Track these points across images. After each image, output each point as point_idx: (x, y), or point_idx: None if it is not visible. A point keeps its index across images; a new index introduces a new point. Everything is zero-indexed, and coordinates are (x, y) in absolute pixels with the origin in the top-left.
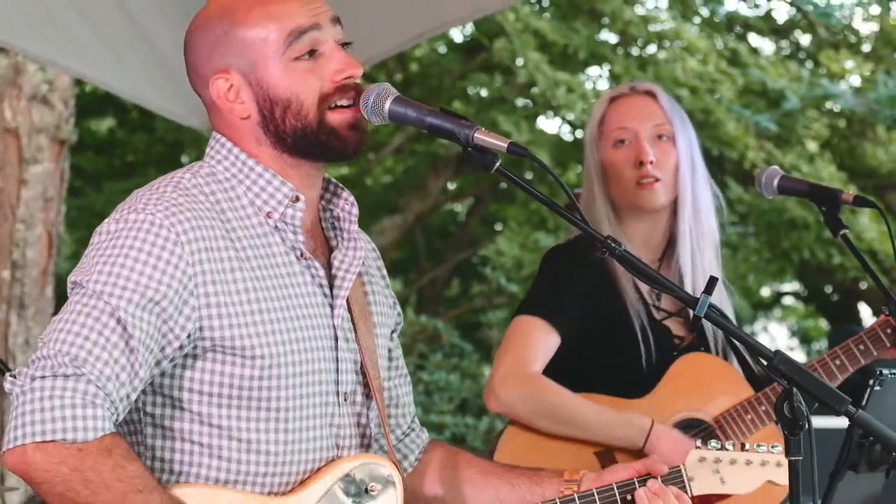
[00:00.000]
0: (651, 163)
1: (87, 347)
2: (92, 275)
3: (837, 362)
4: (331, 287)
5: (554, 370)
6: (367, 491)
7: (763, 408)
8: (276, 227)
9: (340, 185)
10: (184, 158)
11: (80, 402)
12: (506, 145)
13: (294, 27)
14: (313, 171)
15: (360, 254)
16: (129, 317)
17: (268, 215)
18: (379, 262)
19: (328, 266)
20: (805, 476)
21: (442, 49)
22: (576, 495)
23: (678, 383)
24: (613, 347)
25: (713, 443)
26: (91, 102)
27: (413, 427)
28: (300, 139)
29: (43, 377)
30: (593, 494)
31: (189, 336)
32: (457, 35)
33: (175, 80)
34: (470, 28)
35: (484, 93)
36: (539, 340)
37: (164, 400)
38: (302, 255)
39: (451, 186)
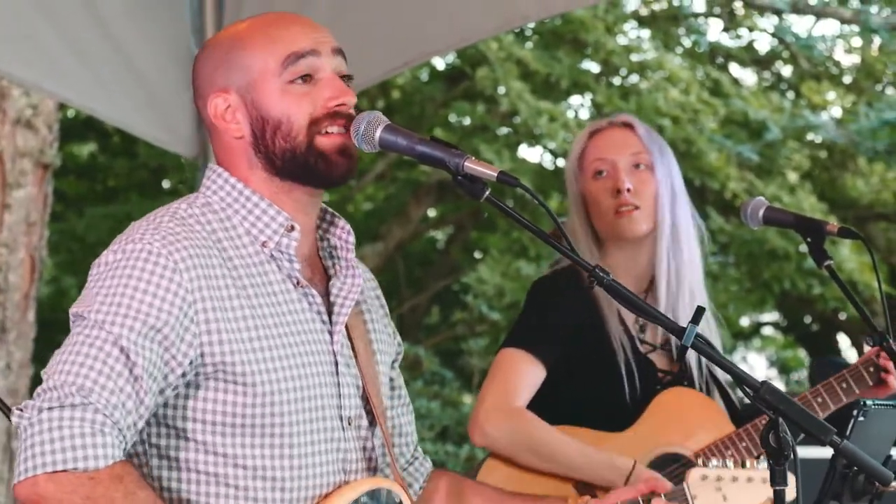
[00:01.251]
0: (628, 190)
1: (92, 377)
2: (93, 306)
3: (819, 400)
4: (329, 314)
5: (537, 401)
6: None
7: (744, 444)
8: (272, 255)
9: (336, 213)
10: (165, 184)
11: (89, 431)
12: (496, 174)
13: (293, 51)
14: (305, 198)
15: (358, 281)
16: (131, 345)
17: (263, 244)
18: (378, 292)
19: (326, 294)
20: None
21: (424, 77)
22: None
23: (659, 418)
24: (597, 380)
25: (714, 461)
26: (73, 127)
27: (416, 456)
28: (289, 161)
29: (51, 408)
30: None
31: (191, 363)
32: (439, 63)
33: (158, 105)
34: (452, 56)
35: (466, 121)
36: (524, 374)
37: (168, 430)
38: (298, 283)
39: (432, 214)
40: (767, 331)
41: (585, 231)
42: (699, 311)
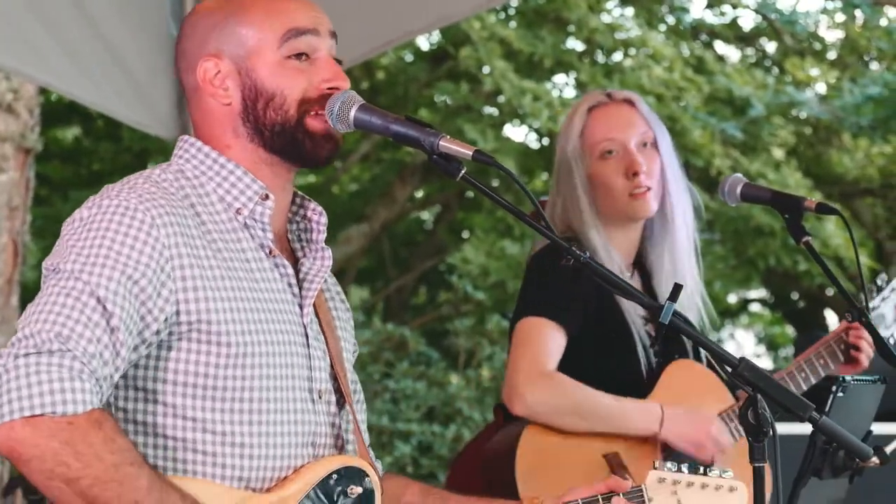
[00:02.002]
0: (644, 172)
1: (69, 325)
2: (69, 257)
3: (803, 375)
4: (300, 289)
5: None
6: (346, 494)
7: None
8: (246, 224)
9: (307, 196)
10: (150, 167)
11: (67, 376)
12: (471, 153)
13: (294, 26)
14: (284, 174)
15: (327, 263)
16: (109, 294)
17: (237, 212)
18: (341, 293)
19: (296, 273)
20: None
21: (408, 57)
22: None
23: (672, 388)
24: (615, 351)
25: (669, 464)
26: (56, 111)
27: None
28: (278, 134)
29: (27, 354)
30: None
31: (166, 319)
32: (423, 43)
33: (141, 89)
34: (436, 36)
35: (450, 101)
36: (549, 339)
37: (136, 394)
38: (271, 252)
39: (418, 194)
40: (755, 307)
41: (592, 212)
42: (676, 289)
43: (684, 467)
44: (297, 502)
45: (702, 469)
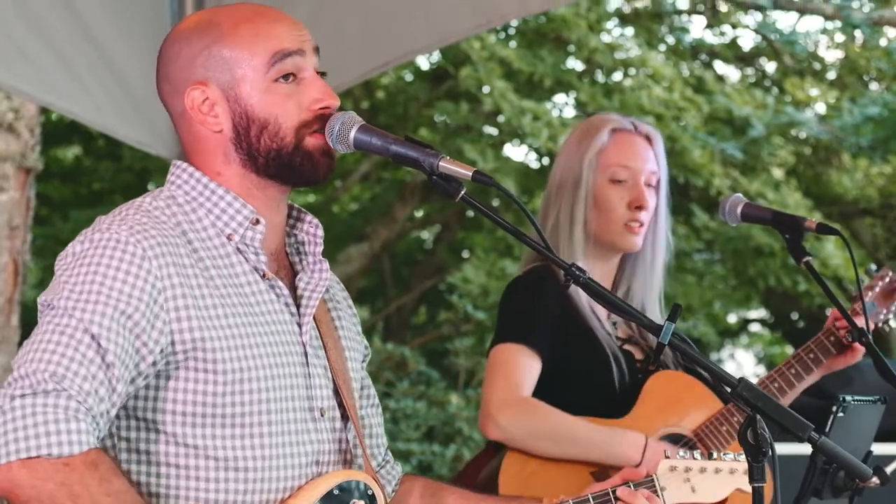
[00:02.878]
0: (646, 209)
1: (64, 364)
2: (62, 293)
3: (793, 371)
4: (298, 307)
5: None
6: None
7: (735, 418)
8: (238, 248)
9: (304, 210)
10: (150, 186)
11: (63, 417)
12: (470, 173)
13: (279, 49)
14: (278, 195)
15: (325, 275)
16: (103, 331)
17: (228, 237)
18: (345, 293)
19: (293, 289)
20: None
21: (408, 77)
22: None
23: (654, 401)
24: (587, 370)
25: (681, 451)
26: (57, 131)
27: (388, 459)
28: (273, 160)
29: (23, 395)
30: None
31: (162, 351)
32: (423, 63)
33: (141, 109)
34: (436, 56)
35: (450, 120)
36: (523, 365)
37: (137, 423)
38: (264, 275)
39: (418, 214)
40: (754, 327)
41: (583, 229)
42: (675, 309)
43: (696, 453)
44: None
45: (714, 454)
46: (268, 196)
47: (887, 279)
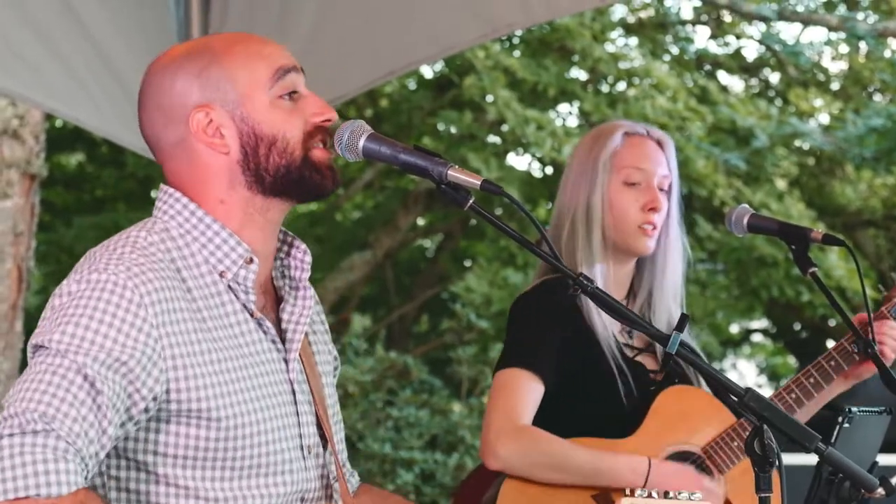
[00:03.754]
0: (659, 212)
1: (54, 405)
2: (55, 335)
3: (811, 381)
4: (283, 341)
5: (538, 418)
6: None
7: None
8: (229, 286)
9: (294, 235)
10: (153, 194)
11: (51, 457)
12: (479, 182)
13: (280, 66)
14: (277, 217)
15: (308, 303)
16: (96, 374)
17: (221, 274)
18: (319, 307)
19: (277, 321)
20: None
21: (412, 85)
22: None
23: (663, 418)
24: (593, 388)
25: (639, 491)
26: (61, 137)
27: (345, 471)
28: (282, 177)
29: (11, 435)
30: None
31: (155, 399)
32: (427, 72)
33: None
34: (440, 65)
35: (454, 129)
36: (524, 392)
37: (128, 463)
38: (253, 314)
39: (421, 222)
40: (757, 338)
41: (601, 235)
42: (683, 319)
43: (654, 492)
44: None
45: (671, 493)
46: (267, 220)
47: None
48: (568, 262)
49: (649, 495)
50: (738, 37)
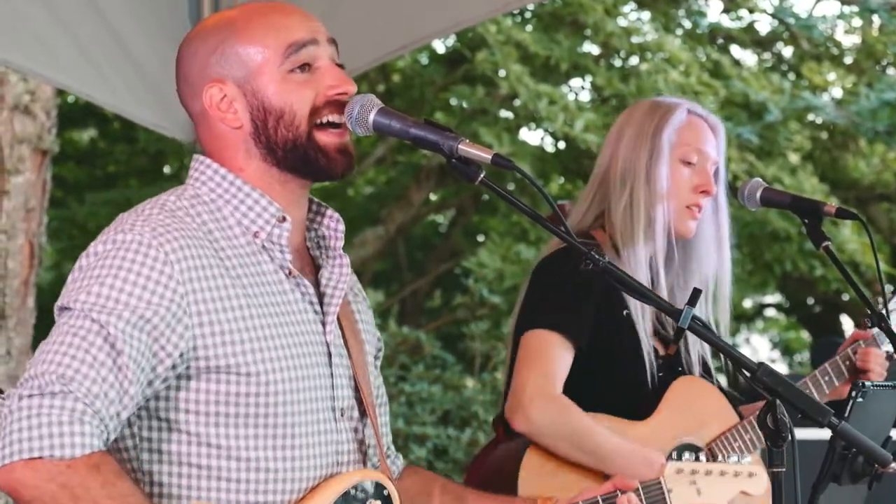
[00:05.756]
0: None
1: (73, 366)
2: (80, 296)
3: (826, 378)
4: (321, 304)
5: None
6: None
7: (748, 436)
8: (264, 246)
9: (324, 203)
10: (166, 169)
11: (67, 420)
12: (490, 157)
13: (293, 40)
14: (298, 189)
15: (346, 270)
16: (119, 333)
17: (255, 235)
18: (359, 286)
19: (316, 284)
20: (788, 488)
21: (424, 60)
22: None
23: (676, 407)
24: (623, 364)
25: (687, 454)
26: (73, 113)
27: (389, 453)
28: (290, 152)
29: (30, 396)
30: None
31: (182, 356)
32: (439, 46)
33: (156, 91)
34: (452, 39)
35: (466, 104)
36: (559, 357)
37: (159, 423)
38: (290, 273)
39: (434, 197)
40: (770, 312)
41: (665, 203)
42: (696, 293)
43: (702, 455)
44: None
45: (720, 457)
46: (289, 191)
47: None
48: (621, 227)
49: (696, 458)
50: (750, 10)
